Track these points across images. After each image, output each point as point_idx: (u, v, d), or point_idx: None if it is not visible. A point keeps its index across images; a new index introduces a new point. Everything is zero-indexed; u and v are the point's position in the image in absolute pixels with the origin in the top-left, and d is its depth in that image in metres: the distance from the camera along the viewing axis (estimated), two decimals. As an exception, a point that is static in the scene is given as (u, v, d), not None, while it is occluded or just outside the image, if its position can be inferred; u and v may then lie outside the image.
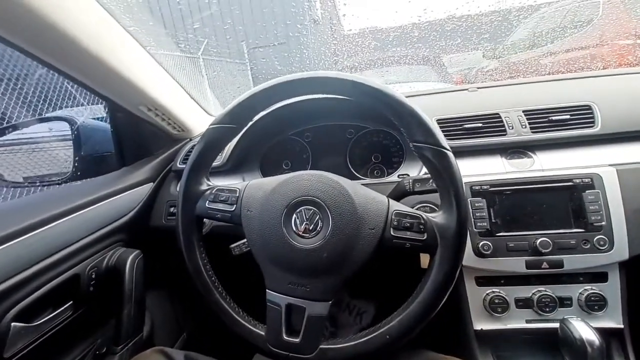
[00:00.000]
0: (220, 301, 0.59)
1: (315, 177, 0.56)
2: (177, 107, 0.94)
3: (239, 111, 0.59)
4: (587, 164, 0.73)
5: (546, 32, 2.61)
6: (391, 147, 0.95)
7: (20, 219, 0.61)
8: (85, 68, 0.69)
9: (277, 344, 0.54)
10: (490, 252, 0.70)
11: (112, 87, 0.77)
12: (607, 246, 0.67)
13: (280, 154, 1.00)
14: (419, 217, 0.53)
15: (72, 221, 0.70)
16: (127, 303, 0.75)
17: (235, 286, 0.82)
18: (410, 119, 0.52)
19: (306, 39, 4.16)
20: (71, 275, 0.69)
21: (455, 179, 0.51)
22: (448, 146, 0.51)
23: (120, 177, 0.89)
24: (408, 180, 0.64)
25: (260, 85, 0.58)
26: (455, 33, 1.99)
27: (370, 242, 0.52)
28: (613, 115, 0.78)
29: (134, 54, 0.78)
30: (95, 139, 0.95)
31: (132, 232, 0.86)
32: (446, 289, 0.51)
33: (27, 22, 0.55)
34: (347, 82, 0.54)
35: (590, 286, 0.70)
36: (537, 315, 0.71)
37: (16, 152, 1.05)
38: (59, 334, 0.67)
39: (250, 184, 0.61)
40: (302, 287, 0.53)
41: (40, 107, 2.01)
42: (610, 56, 2.06)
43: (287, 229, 0.54)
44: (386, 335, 0.51)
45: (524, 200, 0.72)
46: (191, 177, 0.61)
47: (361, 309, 1.34)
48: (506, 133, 0.80)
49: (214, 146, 0.61)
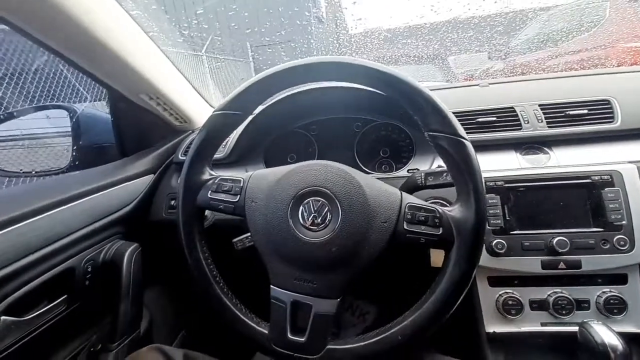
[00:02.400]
0: (221, 297, 0.56)
1: (324, 167, 0.53)
2: (179, 97, 0.92)
3: (246, 97, 0.56)
4: (606, 161, 0.70)
5: (553, 33, 2.59)
6: (400, 141, 0.92)
7: (12, 207, 0.58)
8: (85, 51, 0.67)
9: (281, 343, 0.51)
10: (504, 251, 0.67)
11: (113, 74, 0.75)
12: (627, 246, 0.64)
13: (286, 147, 0.98)
14: (434, 210, 0.50)
15: (68, 211, 0.67)
16: (124, 298, 0.73)
17: (238, 282, 0.79)
18: (426, 106, 0.49)
19: (310, 37, 4.16)
20: (66, 268, 0.66)
21: (474, 170, 0.48)
22: (466, 136, 0.49)
23: (120, 167, 0.86)
24: (420, 174, 0.62)
25: (267, 70, 0.55)
26: (467, 26, 1.96)
27: (382, 236, 0.49)
28: (633, 110, 0.75)
29: (136, 39, 0.75)
30: (95, 129, 0.93)
31: (130, 225, 0.83)
32: (463, 287, 0.48)
33: (28, 4, 0.54)
34: (359, 67, 0.51)
35: (609, 288, 0.67)
36: (553, 318, 0.68)
37: (13, 141, 1.02)
38: (52, 329, 0.64)
39: (255, 174, 0.58)
40: (309, 283, 0.51)
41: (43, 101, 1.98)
42: (623, 55, 2.03)
43: (293, 221, 0.51)
44: (398, 336, 0.48)
45: (540, 198, 0.69)
46: (193, 165, 0.58)
47: (364, 309, 1.31)
48: (521, 127, 0.77)
49: (217, 134, 0.59)
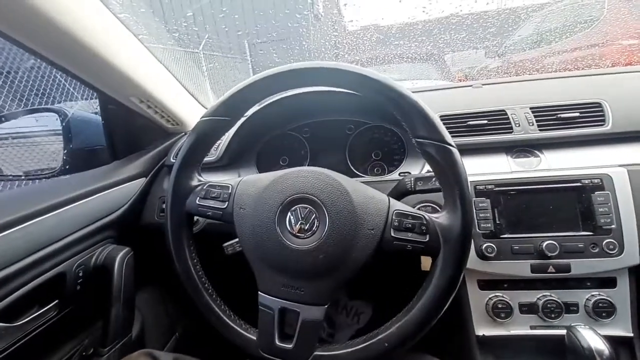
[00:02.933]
0: (210, 303, 0.56)
1: (311, 174, 0.53)
2: (171, 99, 0.91)
3: (233, 103, 0.56)
4: (597, 164, 0.71)
5: (549, 31, 2.58)
6: (392, 144, 0.92)
7: (2, 213, 0.58)
8: (72, 56, 0.66)
9: (268, 350, 0.52)
10: (494, 254, 0.68)
11: (101, 77, 0.74)
12: (616, 250, 0.65)
13: (278, 149, 0.97)
14: (421, 217, 0.50)
15: (59, 216, 0.67)
16: (116, 302, 0.72)
17: (229, 288, 0.79)
18: (413, 112, 0.49)
19: (307, 33, 4.13)
20: (57, 273, 0.66)
21: (460, 177, 0.48)
22: (453, 142, 0.49)
23: (111, 171, 0.85)
24: (410, 179, 0.62)
25: (255, 75, 0.55)
26: (460, 27, 1.96)
27: (369, 244, 0.49)
28: (624, 113, 0.75)
29: (124, 41, 0.75)
30: (86, 132, 0.92)
31: (122, 229, 0.83)
32: (449, 294, 0.48)
33: (14, 9, 0.53)
34: (347, 73, 0.51)
35: (598, 292, 0.68)
36: (542, 321, 0.69)
37: (3, 145, 1.02)
38: (43, 334, 0.64)
39: (244, 180, 0.58)
40: (297, 290, 0.51)
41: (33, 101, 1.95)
42: (617, 55, 2.03)
43: (281, 228, 0.51)
44: (384, 343, 0.48)
45: (530, 201, 0.69)
46: (181, 171, 0.58)
47: (359, 310, 1.32)
48: (512, 131, 0.77)
49: (205, 139, 0.58)
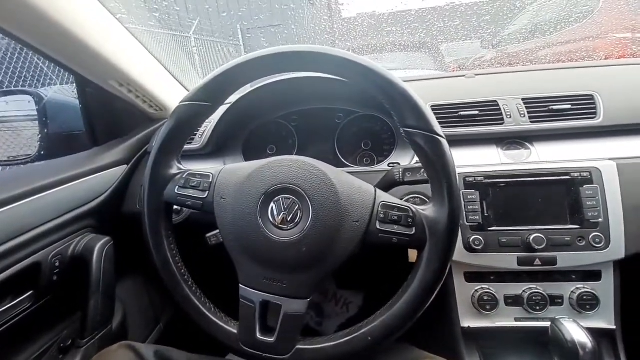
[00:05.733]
0: (189, 296, 0.54)
1: (295, 163, 0.51)
2: (153, 83, 0.87)
3: (214, 87, 0.53)
4: (587, 157, 0.70)
5: (545, 22, 2.56)
6: (382, 133, 0.90)
7: None
8: (44, 35, 0.62)
9: (250, 344, 0.50)
10: (481, 247, 0.67)
11: (76, 58, 0.70)
12: (603, 244, 0.65)
13: (265, 138, 0.94)
14: (407, 209, 0.48)
15: (34, 204, 0.64)
16: (94, 294, 0.70)
17: (214, 280, 0.78)
18: (402, 101, 0.47)
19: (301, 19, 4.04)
20: (31, 263, 0.63)
21: (448, 169, 0.46)
22: (442, 133, 0.47)
23: (91, 157, 0.82)
24: (398, 170, 0.60)
25: (237, 59, 0.52)
26: (454, 14, 1.92)
27: (353, 236, 0.48)
28: (616, 106, 0.74)
29: (100, 21, 0.70)
30: (63, 116, 0.88)
31: (102, 218, 0.80)
32: (434, 288, 0.47)
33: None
34: (333, 58, 0.48)
35: (583, 285, 0.68)
36: (526, 313, 0.69)
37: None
38: (19, 325, 0.62)
39: (225, 169, 0.55)
40: (279, 283, 0.49)
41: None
42: (610, 48, 2.02)
43: (263, 219, 0.49)
44: (368, 337, 0.47)
45: (519, 194, 0.69)
46: (159, 158, 0.55)
47: (348, 300, 1.32)
48: (504, 122, 0.75)
49: (185, 126, 0.55)
